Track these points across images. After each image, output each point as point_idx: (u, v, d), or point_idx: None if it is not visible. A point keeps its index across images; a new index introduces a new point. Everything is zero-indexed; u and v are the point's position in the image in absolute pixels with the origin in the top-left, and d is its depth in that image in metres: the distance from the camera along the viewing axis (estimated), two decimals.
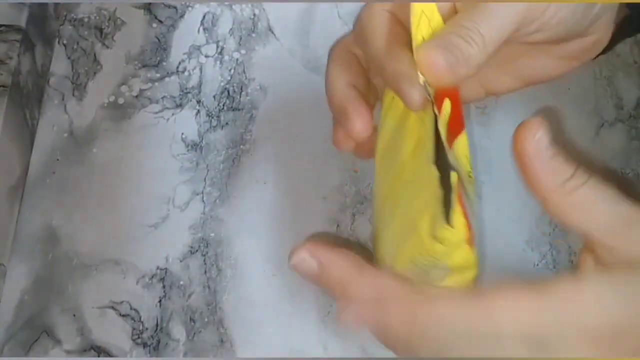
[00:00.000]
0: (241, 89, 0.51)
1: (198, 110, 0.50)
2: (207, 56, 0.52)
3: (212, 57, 0.52)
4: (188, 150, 0.49)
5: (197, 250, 0.47)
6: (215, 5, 0.54)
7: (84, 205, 0.48)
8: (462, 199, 0.27)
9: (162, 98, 0.51)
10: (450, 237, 0.27)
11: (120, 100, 0.51)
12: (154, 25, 0.53)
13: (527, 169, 0.27)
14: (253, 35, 0.53)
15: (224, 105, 0.51)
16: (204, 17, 0.53)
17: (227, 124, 0.50)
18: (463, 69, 0.28)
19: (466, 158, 0.30)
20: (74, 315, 0.45)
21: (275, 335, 0.45)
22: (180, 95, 0.51)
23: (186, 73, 0.51)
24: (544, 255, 0.47)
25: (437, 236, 0.27)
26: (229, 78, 0.51)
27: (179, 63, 0.52)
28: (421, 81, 0.28)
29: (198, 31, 0.53)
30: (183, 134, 0.50)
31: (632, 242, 0.26)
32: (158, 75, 0.51)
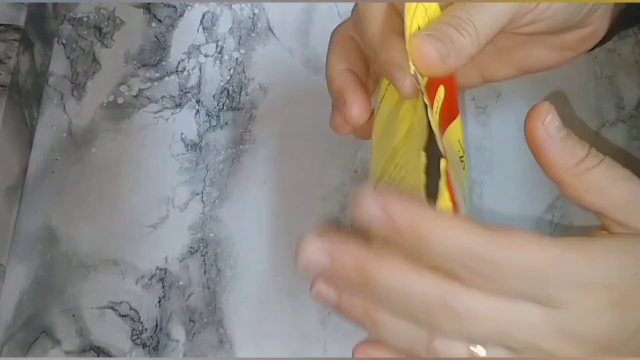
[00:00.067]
0: (241, 88, 0.51)
1: (197, 110, 0.50)
2: (206, 56, 0.52)
3: (211, 56, 0.52)
4: (187, 150, 0.49)
5: (196, 251, 0.46)
6: (215, 5, 0.53)
7: (83, 205, 0.48)
8: (451, 184, 0.28)
9: (161, 98, 0.51)
10: None
11: (120, 100, 0.51)
12: (153, 24, 0.53)
13: (540, 153, 0.27)
14: (253, 34, 0.53)
15: (223, 105, 0.50)
16: (204, 16, 0.53)
17: (226, 123, 0.50)
18: (454, 60, 0.28)
19: (459, 143, 0.31)
20: (73, 315, 0.45)
21: (275, 335, 0.44)
22: (179, 95, 0.51)
23: (185, 73, 0.51)
24: None
25: None
26: (228, 78, 0.51)
27: (179, 63, 0.52)
28: (412, 71, 0.28)
29: (197, 30, 0.53)
30: (182, 133, 0.50)
31: None
32: (157, 74, 0.51)
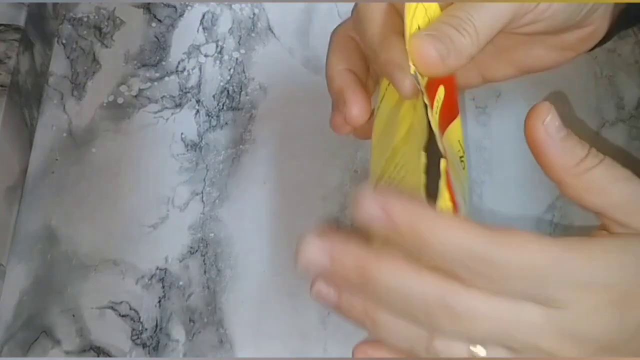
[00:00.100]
0: (241, 88, 0.51)
1: (197, 110, 0.50)
2: (206, 56, 0.52)
3: (211, 56, 0.52)
4: (187, 150, 0.49)
5: (196, 251, 0.46)
6: (215, 5, 0.53)
7: (83, 205, 0.48)
8: (451, 184, 0.28)
9: (161, 98, 0.51)
10: None
11: (120, 100, 0.51)
12: (153, 24, 0.53)
13: (540, 153, 0.27)
14: (253, 34, 0.53)
15: (223, 105, 0.50)
16: (204, 16, 0.53)
17: (226, 123, 0.50)
18: (454, 60, 0.28)
19: (459, 142, 0.31)
20: (73, 315, 0.45)
21: (275, 335, 0.44)
22: (179, 94, 0.51)
23: (185, 73, 0.51)
24: None
25: None
26: (228, 78, 0.51)
27: (179, 62, 0.52)
28: (412, 71, 0.28)
29: (197, 30, 0.53)
30: (182, 133, 0.50)
31: None
32: (157, 74, 0.51)
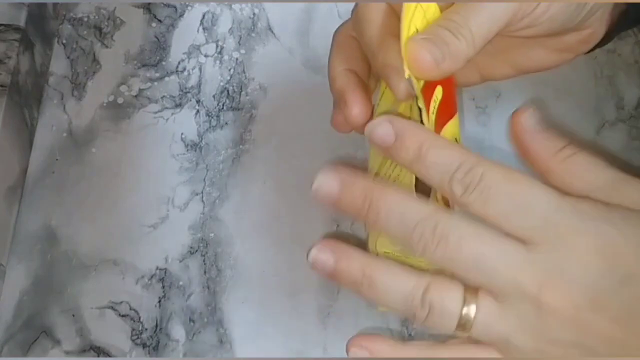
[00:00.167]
0: (241, 88, 0.51)
1: (198, 110, 0.50)
2: (206, 56, 0.52)
3: (211, 56, 0.52)
4: (187, 150, 0.49)
5: (196, 251, 0.46)
6: (215, 5, 0.53)
7: (83, 205, 0.48)
8: None
9: (161, 98, 0.51)
10: None
11: (120, 100, 0.51)
12: (154, 24, 0.53)
13: (524, 145, 0.29)
14: (253, 34, 0.53)
15: (223, 105, 0.50)
16: (204, 16, 0.53)
17: (226, 123, 0.50)
18: (449, 64, 0.28)
19: (456, 140, 0.32)
20: (73, 315, 0.45)
21: (275, 335, 0.44)
22: (179, 95, 0.51)
23: (186, 73, 0.51)
24: None
25: None
26: (228, 78, 0.51)
27: (179, 63, 0.52)
28: (406, 75, 0.28)
29: (198, 30, 0.53)
30: (182, 134, 0.50)
31: (629, 195, 0.28)
32: (157, 74, 0.51)
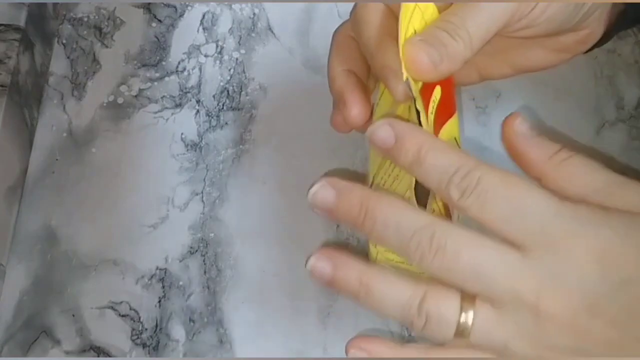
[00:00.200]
0: (241, 88, 0.51)
1: (198, 110, 0.50)
2: (206, 56, 0.52)
3: (211, 56, 0.52)
4: (187, 150, 0.49)
5: (196, 251, 0.46)
6: (215, 5, 0.53)
7: (83, 205, 0.48)
8: None
9: (161, 98, 0.51)
10: None
11: (120, 100, 0.51)
12: (154, 24, 0.53)
13: (518, 151, 0.29)
14: (253, 34, 0.53)
15: (223, 105, 0.50)
16: (204, 16, 0.53)
17: (226, 123, 0.50)
18: (447, 66, 0.28)
19: (455, 140, 0.32)
20: (73, 315, 0.45)
21: (275, 335, 0.44)
22: (179, 95, 0.51)
23: (186, 73, 0.51)
24: None
25: None
26: (228, 78, 0.51)
27: (179, 63, 0.52)
28: (404, 77, 0.28)
29: (198, 30, 0.53)
30: (182, 134, 0.50)
31: (623, 198, 0.28)
32: (157, 74, 0.51)
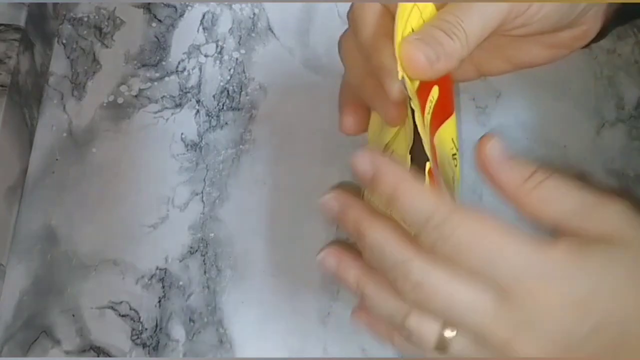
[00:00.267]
0: (241, 88, 0.51)
1: (198, 110, 0.50)
2: (206, 56, 0.52)
3: (211, 56, 0.52)
4: (187, 150, 0.49)
5: (196, 251, 0.46)
6: (215, 5, 0.53)
7: (83, 205, 0.48)
8: (436, 186, 0.29)
9: (161, 98, 0.51)
10: None
11: (120, 100, 0.51)
12: (154, 24, 0.53)
13: (491, 175, 0.29)
14: (253, 34, 0.53)
15: (223, 105, 0.50)
16: (204, 16, 0.53)
17: (226, 123, 0.50)
18: (443, 64, 0.28)
19: (452, 140, 0.32)
20: (73, 315, 0.45)
21: (275, 335, 0.44)
22: (179, 95, 0.51)
23: (186, 73, 0.51)
24: None
25: None
26: (228, 78, 0.51)
27: (179, 62, 0.52)
28: (400, 76, 0.28)
29: (198, 30, 0.53)
30: (182, 134, 0.50)
31: (600, 220, 0.28)
32: (157, 74, 0.51)
